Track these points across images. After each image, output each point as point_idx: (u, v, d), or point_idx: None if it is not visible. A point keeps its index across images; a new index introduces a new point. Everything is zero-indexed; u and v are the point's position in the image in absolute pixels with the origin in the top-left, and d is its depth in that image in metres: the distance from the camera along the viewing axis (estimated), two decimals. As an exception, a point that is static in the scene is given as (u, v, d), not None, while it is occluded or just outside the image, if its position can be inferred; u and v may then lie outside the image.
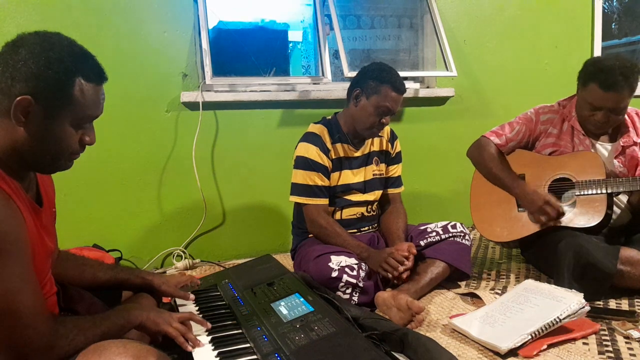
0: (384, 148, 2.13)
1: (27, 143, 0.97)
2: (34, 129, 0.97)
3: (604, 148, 2.05)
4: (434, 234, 1.99)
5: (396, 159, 2.16)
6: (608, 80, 1.83)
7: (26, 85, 0.94)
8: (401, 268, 1.77)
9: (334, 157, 2.00)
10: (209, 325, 1.25)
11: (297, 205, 2.06)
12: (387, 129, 2.14)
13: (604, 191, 1.93)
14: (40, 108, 0.96)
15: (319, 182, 1.95)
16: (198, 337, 1.19)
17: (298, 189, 1.97)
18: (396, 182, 2.17)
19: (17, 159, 0.99)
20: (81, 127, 1.03)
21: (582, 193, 1.97)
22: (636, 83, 1.87)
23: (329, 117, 2.08)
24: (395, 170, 2.16)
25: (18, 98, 0.93)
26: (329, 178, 1.98)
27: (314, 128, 2.03)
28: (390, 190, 2.15)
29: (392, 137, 2.15)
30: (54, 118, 0.98)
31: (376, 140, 2.11)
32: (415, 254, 1.83)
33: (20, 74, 0.94)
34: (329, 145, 1.98)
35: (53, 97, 0.96)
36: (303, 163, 1.96)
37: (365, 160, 2.07)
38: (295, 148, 2.02)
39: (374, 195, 2.08)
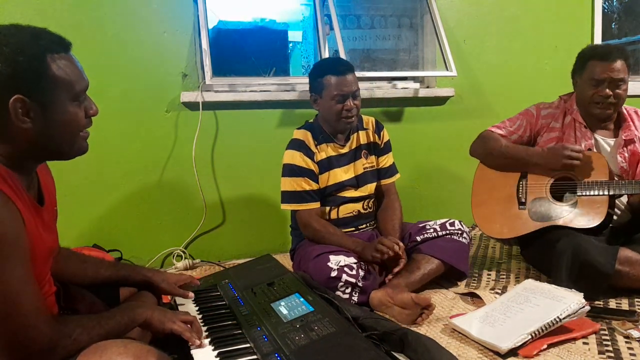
0: (372, 140, 2.12)
1: (40, 139, 0.98)
2: (40, 124, 0.97)
3: (606, 143, 2.06)
4: (432, 230, 2.00)
5: (385, 148, 2.16)
6: (604, 51, 1.99)
7: (9, 89, 0.93)
8: (396, 247, 1.78)
9: (320, 158, 2.00)
10: (203, 335, 1.24)
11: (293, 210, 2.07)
12: (371, 120, 2.14)
13: (606, 193, 1.93)
14: (35, 101, 0.95)
15: (307, 187, 1.96)
16: None
17: (287, 196, 1.98)
18: (389, 171, 2.16)
19: (30, 156, 1.01)
20: (81, 102, 1.03)
21: (584, 193, 1.97)
22: (629, 59, 1.99)
23: (311, 121, 2.09)
24: (386, 160, 2.15)
25: (11, 102, 0.93)
26: (316, 181, 1.99)
27: (297, 134, 2.04)
28: (384, 181, 2.15)
29: (378, 128, 2.14)
30: (53, 104, 0.97)
31: (362, 133, 2.10)
32: (403, 247, 1.84)
33: None
34: (313, 148, 1.99)
35: (38, 85, 0.96)
36: (289, 170, 1.97)
37: (354, 156, 2.07)
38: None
39: (368, 190, 2.08)
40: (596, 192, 1.95)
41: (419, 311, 1.63)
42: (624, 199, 2.04)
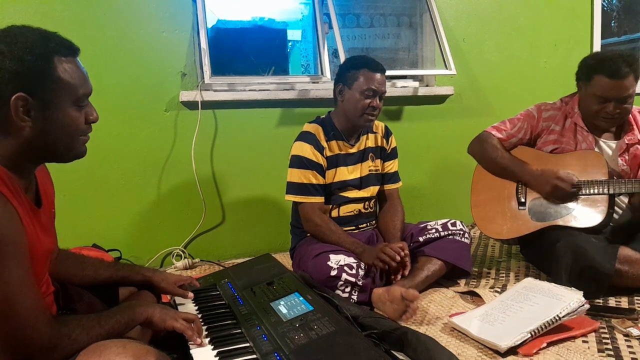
0: (379, 144, 2.13)
1: (39, 139, 0.98)
2: (40, 125, 0.97)
3: (607, 146, 2.05)
4: (434, 230, 2.00)
5: (392, 154, 2.17)
6: (613, 68, 1.88)
7: (13, 86, 0.94)
8: (398, 257, 1.77)
9: (329, 154, 2.00)
10: (204, 335, 1.25)
11: (295, 205, 2.07)
12: (381, 125, 2.15)
13: (606, 191, 1.93)
14: (37, 101, 0.96)
15: (314, 181, 1.96)
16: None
17: (293, 187, 1.98)
18: (393, 177, 2.17)
19: (28, 158, 1.01)
20: (82, 107, 1.03)
21: (584, 192, 1.97)
22: (638, 70, 1.91)
23: (323, 116, 2.09)
24: (392, 166, 2.16)
25: (12, 99, 0.93)
26: (323, 176, 1.99)
27: (309, 127, 2.04)
28: (388, 187, 2.16)
29: (387, 133, 2.15)
30: (54, 106, 0.98)
31: (371, 136, 2.11)
32: (408, 254, 1.83)
33: (3, 78, 0.93)
34: (323, 142, 1.99)
35: (43, 85, 0.96)
36: (298, 162, 1.97)
37: (361, 157, 2.08)
38: (291, 148, 2.03)
39: (370, 192, 2.09)
40: (596, 191, 1.94)
41: (404, 306, 1.63)
42: (624, 198, 2.03)
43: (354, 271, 1.72)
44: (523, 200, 2.09)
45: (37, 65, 0.95)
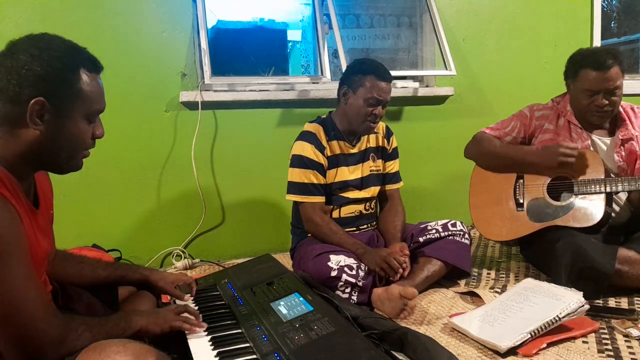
0: (380, 144, 2.13)
1: (44, 145, 1.00)
2: (49, 130, 0.99)
3: (603, 142, 2.05)
4: (434, 231, 2.00)
5: (393, 154, 2.17)
6: (598, 60, 1.91)
7: (35, 89, 0.96)
8: (401, 270, 1.77)
9: (330, 154, 2.00)
10: (202, 321, 1.27)
11: (296, 205, 2.07)
12: (382, 125, 2.15)
13: (603, 190, 1.93)
14: (53, 108, 0.98)
15: (315, 180, 1.96)
16: (198, 338, 1.20)
17: (294, 187, 1.97)
18: (394, 177, 2.17)
19: (28, 162, 1.01)
20: (92, 122, 1.06)
21: (581, 192, 1.97)
22: (623, 63, 1.95)
23: (324, 116, 2.09)
24: (393, 166, 2.16)
25: (32, 101, 0.95)
26: (324, 176, 1.99)
27: (310, 127, 2.04)
28: (389, 187, 2.16)
29: (388, 133, 2.15)
30: (68, 116, 1.00)
31: (372, 136, 2.11)
32: (408, 255, 1.83)
33: (27, 79, 0.95)
34: (324, 142, 1.99)
35: (63, 94, 0.99)
36: (299, 161, 1.96)
37: (362, 157, 2.08)
38: (292, 147, 2.03)
39: (371, 192, 2.09)
40: (593, 190, 1.94)
41: (402, 304, 1.64)
42: (623, 196, 2.04)
43: (354, 272, 1.72)
44: (521, 201, 2.09)
45: (63, 74, 0.98)
